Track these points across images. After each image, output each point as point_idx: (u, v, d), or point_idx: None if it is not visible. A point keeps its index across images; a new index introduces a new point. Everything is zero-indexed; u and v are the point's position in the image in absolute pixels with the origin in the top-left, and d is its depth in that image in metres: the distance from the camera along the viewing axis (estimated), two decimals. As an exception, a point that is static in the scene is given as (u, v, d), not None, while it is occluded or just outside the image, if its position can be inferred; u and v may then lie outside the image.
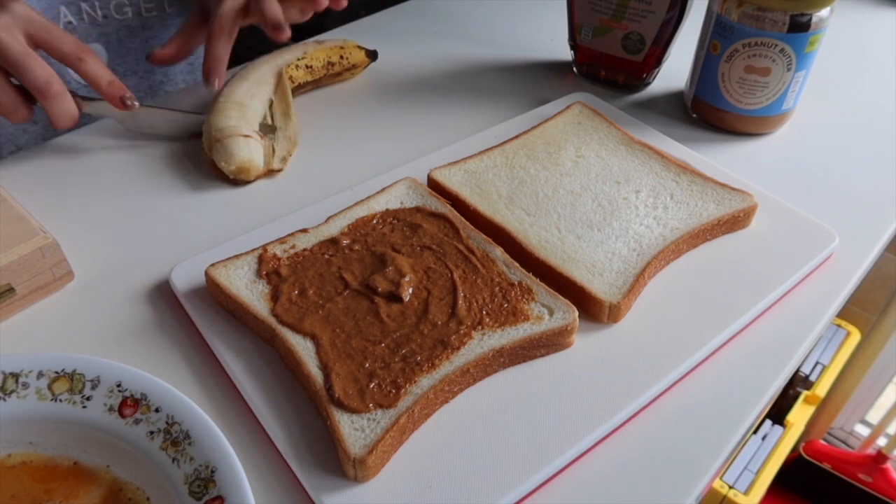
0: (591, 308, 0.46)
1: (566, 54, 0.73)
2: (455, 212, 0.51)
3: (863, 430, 1.46)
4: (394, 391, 0.39)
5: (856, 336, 1.39)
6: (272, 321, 0.43)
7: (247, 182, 0.58)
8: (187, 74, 0.81)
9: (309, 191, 0.56)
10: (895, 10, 0.87)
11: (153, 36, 0.73)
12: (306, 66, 0.66)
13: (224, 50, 0.60)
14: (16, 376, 0.38)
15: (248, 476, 0.35)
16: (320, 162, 0.60)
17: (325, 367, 0.40)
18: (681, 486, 0.39)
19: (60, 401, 0.37)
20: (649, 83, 0.71)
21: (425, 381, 0.40)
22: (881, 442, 1.39)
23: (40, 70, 0.52)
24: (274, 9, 0.58)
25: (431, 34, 0.79)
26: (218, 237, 0.52)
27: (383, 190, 0.53)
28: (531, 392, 0.42)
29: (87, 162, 0.60)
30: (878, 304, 1.34)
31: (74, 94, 0.55)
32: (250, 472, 0.37)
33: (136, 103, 0.56)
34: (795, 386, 1.33)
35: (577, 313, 0.44)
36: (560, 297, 0.45)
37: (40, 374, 0.38)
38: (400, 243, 0.48)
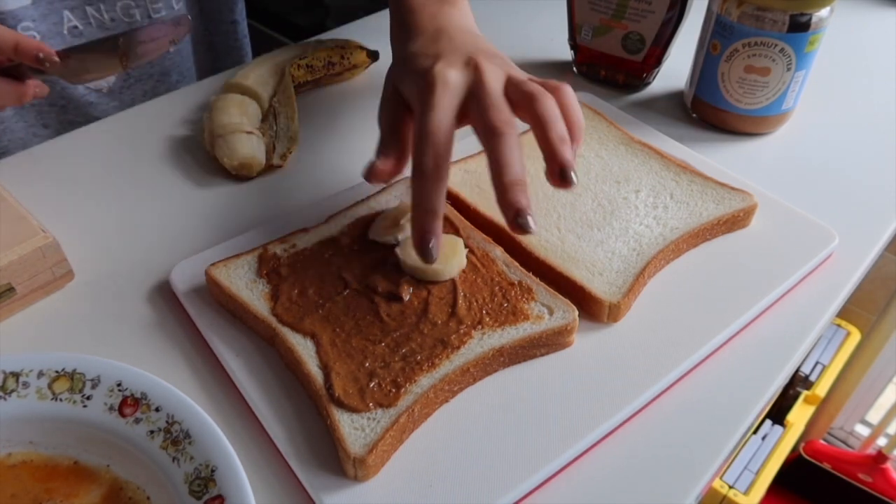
0: (590, 307, 0.46)
1: (566, 54, 0.73)
2: (455, 211, 0.51)
3: (863, 430, 1.46)
4: (394, 390, 0.39)
5: (856, 336, 1.39)
6: (272, 320, 0.43)
7: (248, 178, 0.58)
8: (207, 72, 0.80)
9: (309, 190, 0.56)
10: (895, 10, 0.87)
11: None
12: (307, 66, 0.66)
13: (440, 200, 0.40)
14: (16, 375, 0.38)
15: (248, 475, 0.35)
16: (321, 161, 0.60)
17: (325, 367, 0.41)
18: (681, 486, 0.39)
19: (61, 400, 0.38)
20: (649, 83, 0.71)
21: (425, 381, 0.40)
22: (881, 442, 1.39)
23: None
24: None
25: (431, 34, 0.79)
26: (218, 236, 0.52)
27: (383, 189, 0.53)
28: (531, 391, 0.42)
29: (87, 161, 0.60)
30: (878, 304, 1.34)
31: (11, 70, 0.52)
32: (250, 471, 0.37)
33: (55, 58, 0.50)
34: (795, 386, 1.33)
35: (576, 313, 0.44)
36: (560, 296, 0.45)
37: (41, 374, 0.38)
38: (400, 243, 0.48)
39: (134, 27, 0.69)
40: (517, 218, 0.39)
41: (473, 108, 0.42)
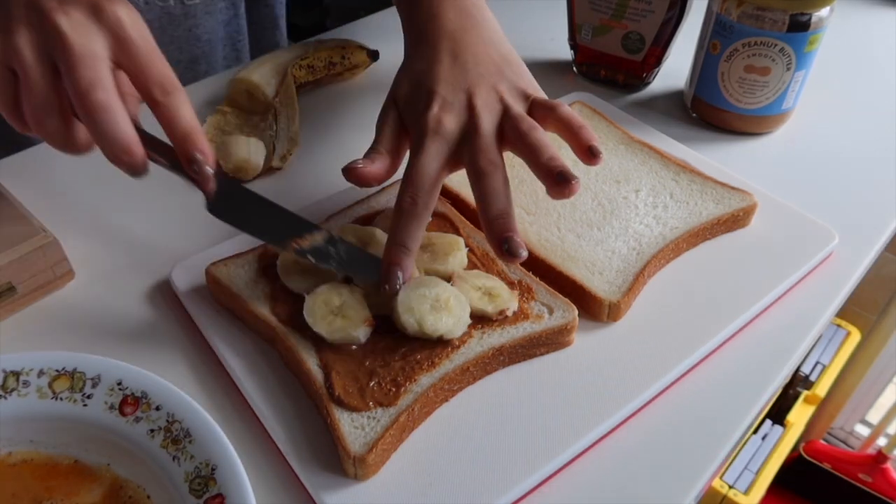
0: (590, 307, 0.46)
1: (566, 54, 0.73)
2: (455, 211, 0.51)
3: (863, 430, 1.46)
4: (394, 389, 0.39)
5: (856, 336, 1.39)
6: (272, 320, 0.43)
7: (245, 180, 0.58)
8: (232, 61, 0.80)
9: (309, 190, 0.56)
10: (895, 10, 0.87)
11: (197, 24, 0.71)
12: (308, 66, 0.66)
13: (413, 237, 0.42)
14: (17, 375, 0.38)
15: (248, 474, 0.35)
16: (321, 161, 0.60)
17: (325, 366, 0.41)
18: (680, 486, 0.39)
19: (61, 399, 0.38)
20: (649, 83, 0.71)
21: (425, 380, 0.40)
22: (881, 442, 1.39)
23: (91, 71, 0.38)
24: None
25: (432, 34, 0.79)
26: (218, 235, 0.52)
27: (383, 189, 0.53)
28: (531, 391, 0.42)
29: (88, 161, 0.59)
30: (878, 304, 1.34)
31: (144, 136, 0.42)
32: (250, 470, 0.37)
33: (209, 172, 0.42)
34: (795, 386, 1.33)
35: (576, 312, 0.44)
36: (560, 295, 0.45)
37: (41, 373, 0.38)
38: (400, 242, 0.48)
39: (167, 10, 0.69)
40: (504, 245, 0.41)
41: (465, 153, 0.44)
